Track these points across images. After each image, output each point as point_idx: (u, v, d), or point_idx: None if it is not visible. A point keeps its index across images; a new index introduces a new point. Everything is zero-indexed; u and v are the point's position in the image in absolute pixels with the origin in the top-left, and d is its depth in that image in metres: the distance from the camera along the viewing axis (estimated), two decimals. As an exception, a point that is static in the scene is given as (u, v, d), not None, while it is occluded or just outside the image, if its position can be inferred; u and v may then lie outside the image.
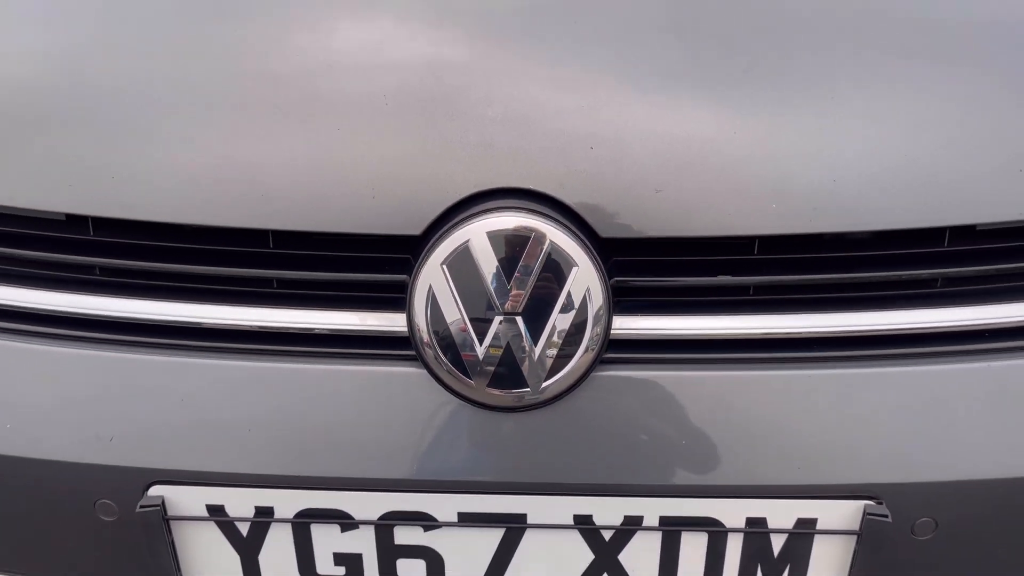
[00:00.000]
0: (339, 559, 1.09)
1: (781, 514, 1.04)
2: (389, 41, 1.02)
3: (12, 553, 1.16)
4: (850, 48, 1.02)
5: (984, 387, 1.03)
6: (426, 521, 1.06)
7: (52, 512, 1.09)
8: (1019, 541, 1.07)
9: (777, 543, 1.06)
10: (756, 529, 1.04)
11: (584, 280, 0.97)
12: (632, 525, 1.05)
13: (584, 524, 1.05)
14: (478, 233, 0.96)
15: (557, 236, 0.96)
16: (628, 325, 1.02)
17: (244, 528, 1.07)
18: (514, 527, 1.06)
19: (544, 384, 0.99)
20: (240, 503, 1.06)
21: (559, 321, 0.97)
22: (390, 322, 1.03)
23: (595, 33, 1.01)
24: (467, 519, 1.05)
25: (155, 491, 1.05)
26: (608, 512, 1.05)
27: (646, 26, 1.02)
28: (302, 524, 1.06)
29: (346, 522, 1.06)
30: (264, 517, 1.06)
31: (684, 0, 1.03)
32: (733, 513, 1.04)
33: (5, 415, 1.06)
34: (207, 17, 1.05)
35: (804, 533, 1.05)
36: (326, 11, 1.04)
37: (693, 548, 1.06)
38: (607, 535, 1.06)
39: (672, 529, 1.05)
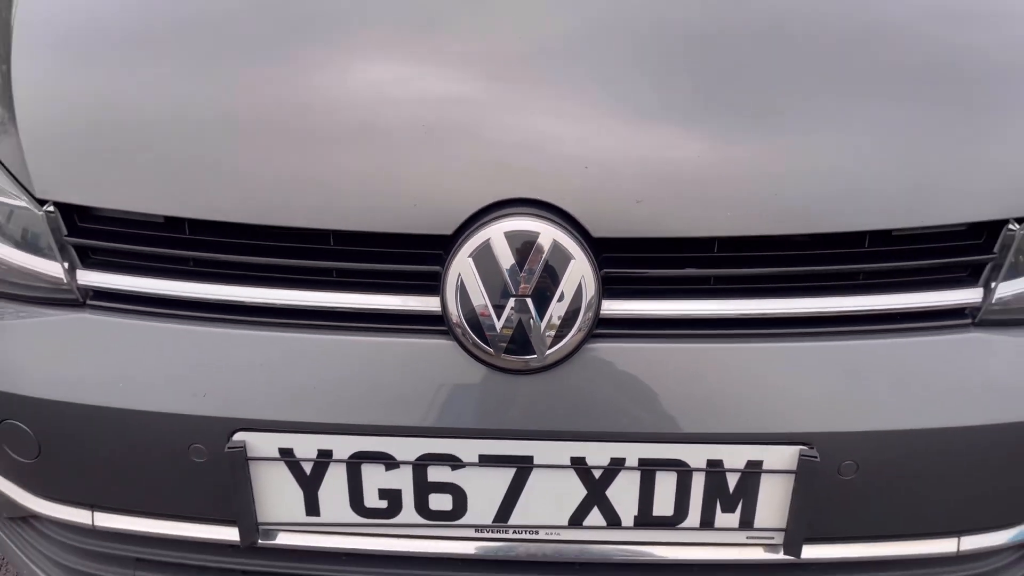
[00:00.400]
0: (383, 494, 1.35)
1: (734, 457, 1.30)
2: (427, 82, 1.30)
3: (118, 492, 1.41)
4: (788, 91, 1.30)
5: (893, 359, 1.30)
6: (453, 462, 1.32)
7: (153, 456, 1.35)
8: (922, 479, 1.33)
9: (732, 480, 1.31)
10: (715, 469, 1.30)
11: (580, 271, 1.24)
12: (616, 465, 1.31)
13: (579, 464, 1.31)
14: (497, 233, 1.23)
15: (559, 236, 1.22)
16: (615, 307, 1.29)
17: (308, 467, 1.33)
18: (523, 467, 1.32)
19: (547, 352, 1.25)
20: (305, 446, 1.31)
21: (560, 302, 1.24)
22: (426, 304, 1.29)
23: (589, 78, 1.29)
24: (486, 460, 1.31)
25: (238, 436, 1.31)
26: (598, 455, 1.30)
27: (628, 73, 1.30)
28: (354, 464, 1.32)
29: (389, 462, 1.32)
30: (324, 458, 1.32)
31: (657, 53, 1.31)
32: (696, 456, 1.30)
33: (120, 376, 1.33)
34: (286, 64, 1.33)
35: (753, 472, 1.31)
36: (379, 59, 1.32)
37: (665, 485, 1.32)
38: (597, 474, 1.32)
39: (648, 469, 1.31)
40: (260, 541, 1.40)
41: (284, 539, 1.40)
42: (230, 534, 1.40)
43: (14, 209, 1.35)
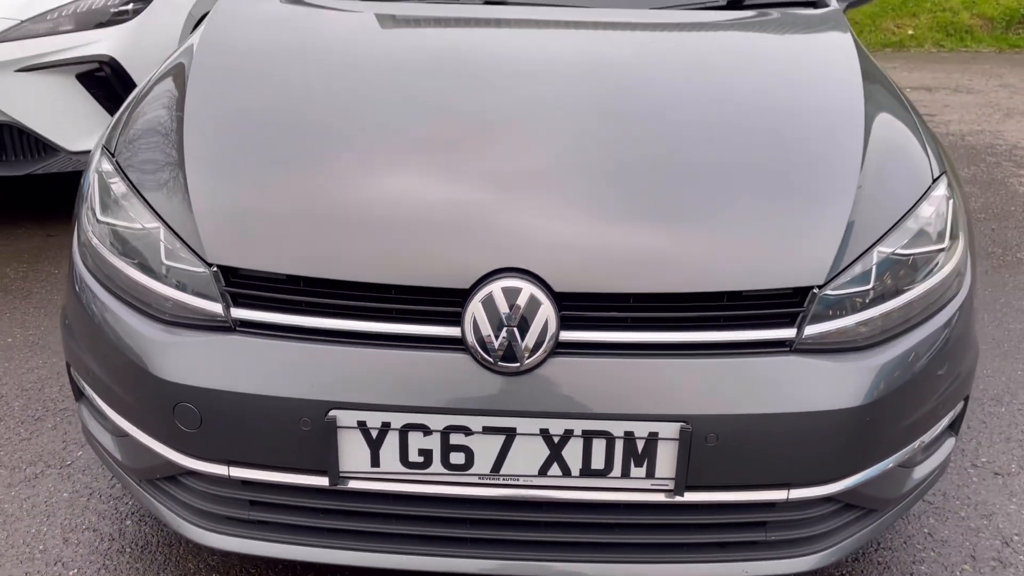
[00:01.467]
0: (420, 452, 2.06)
1: (642, 429, 2.02)
2: (457, 194, 2.13)
3: (247, 451, 2.13)
4: (680, 207, 2.13)
5: (740, 370, 2.07)
6: (466, 431, 2.04)
7: (274, 426, 2.07)
8: (759, 447, 2.06)
9: (640, 445, 2.03)
10: (629, 437, 2.03)
11: (546, 313, 2.01)
12: (568, 434, 2.03)
13: (544, 433, 2.04)
14: (496, 288, 2.01)
15: (534, 291, 2.01)
16: (569, 336, 2.05)
17: (374, 434, 2.05)
18: (510, 435, 2.04)
19: (526, 362, 2.02)
20: (373, 419, 2.04)
21: (533, 331, 2.02)
22: (451, 332, 2.05)
23: (556, 195, 2.13)
24: (487, 430, 2.04)
25: (332, 413, 2.04)
26: (557, 427, 2.02)
27: (580, 191, 2.13)
28: (404, 431, 2.05)
29: (426, 431, 2.05)
30: (385, 427, 2.05)
31: (596, 181, 2.15)
32: (618, 428, 2.02)
33: (257, 374, 2.09)
34: (368, 180, 2.16)
35: (653, 439, 2.03)
36: (431, 181, 2.16)
37: (599, 447, 2.04)
38: (556, 440, 2.04)
39: (588, 437, 2.03)
40: (339, 486, 2.15)
41: (354, 484, 2.12)
42: (320, 481, 2.13)
43: (194, 271, 2.14)
